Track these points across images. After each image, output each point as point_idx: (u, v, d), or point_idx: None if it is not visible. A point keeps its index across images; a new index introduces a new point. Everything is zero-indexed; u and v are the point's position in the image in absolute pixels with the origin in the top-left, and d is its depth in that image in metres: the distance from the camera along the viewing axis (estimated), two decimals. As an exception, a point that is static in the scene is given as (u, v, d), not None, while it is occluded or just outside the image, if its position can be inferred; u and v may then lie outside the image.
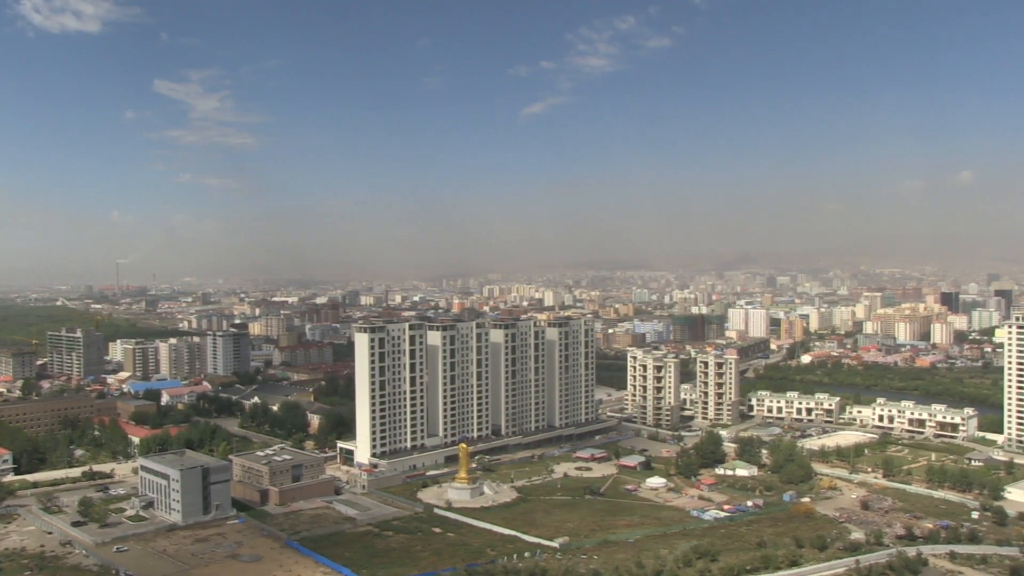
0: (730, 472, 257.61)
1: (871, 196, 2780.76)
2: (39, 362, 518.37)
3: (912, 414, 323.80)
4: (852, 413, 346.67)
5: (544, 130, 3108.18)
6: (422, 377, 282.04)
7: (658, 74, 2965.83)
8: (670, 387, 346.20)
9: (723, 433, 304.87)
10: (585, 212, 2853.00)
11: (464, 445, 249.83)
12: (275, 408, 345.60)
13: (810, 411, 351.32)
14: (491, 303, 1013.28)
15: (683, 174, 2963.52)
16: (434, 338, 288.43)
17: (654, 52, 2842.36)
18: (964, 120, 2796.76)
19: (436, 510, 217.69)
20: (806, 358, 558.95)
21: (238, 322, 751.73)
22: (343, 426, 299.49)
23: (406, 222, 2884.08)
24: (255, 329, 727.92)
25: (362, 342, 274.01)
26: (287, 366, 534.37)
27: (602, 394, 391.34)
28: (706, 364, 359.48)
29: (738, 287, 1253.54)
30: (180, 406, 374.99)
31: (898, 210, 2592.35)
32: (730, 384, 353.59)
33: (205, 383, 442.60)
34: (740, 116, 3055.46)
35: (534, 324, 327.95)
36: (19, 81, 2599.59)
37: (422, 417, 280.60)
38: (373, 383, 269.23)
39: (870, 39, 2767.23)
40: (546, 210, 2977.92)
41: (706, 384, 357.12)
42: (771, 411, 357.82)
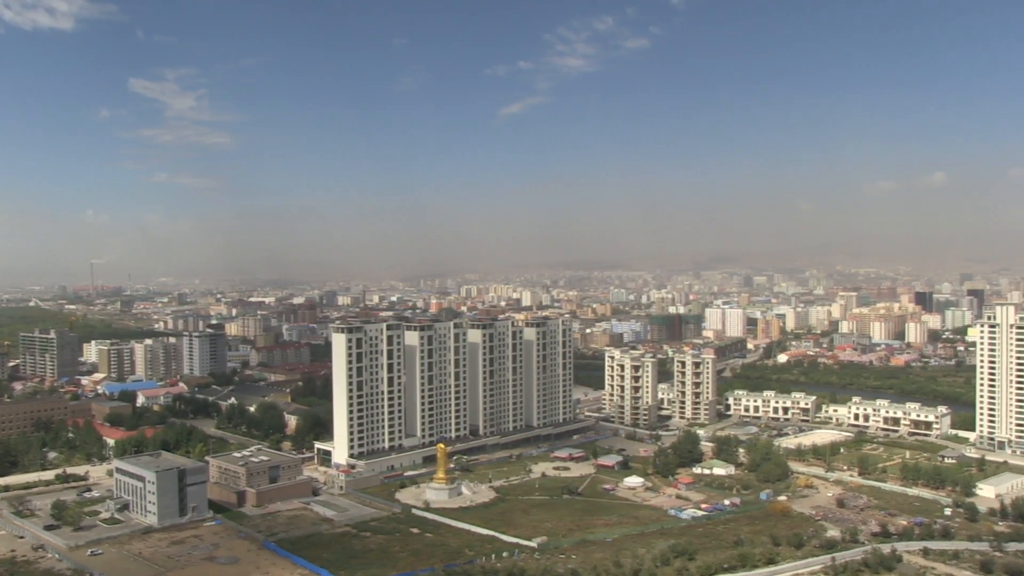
0: (707, 471, 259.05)
1: (845, 197, 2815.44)
2: (11, 364, 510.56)
3: (887, 412, 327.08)
4: (828, 412, 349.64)
5: (522, 130, 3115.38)
6: (400, 377, 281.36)
7: (636, 74, 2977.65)
8: (647, 387, 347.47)
9: (700, 432, 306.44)
10: (563, 212, 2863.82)
11: (442, 445, 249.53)
12: (252, 409, 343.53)
13: (787, 410, 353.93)
14: (469, 303, 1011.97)
15: (660, 174, 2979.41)
16: (412, 338, 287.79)
17: (632, 52, 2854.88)
18: (937, 122, 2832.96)
19: (414, 511, 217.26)
20: (783, 357, 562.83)
21: (214, 322, 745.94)
22: (320, 427, 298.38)
23: (384, 222, 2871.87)
24: (232, 330, 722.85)
25: (339, 342, 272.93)
26: (264, 367, 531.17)
27: (580, 394, 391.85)
28: (683, 364, 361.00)
29: (715, 287, 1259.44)
30: (156, 407, 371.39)
31: (872, 211, 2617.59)
32: (707, 383, 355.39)
33: (181, 384, 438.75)
34: (716, 117, 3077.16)
35: (512, 324, 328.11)
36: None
37: (400, 417, 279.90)
38: (351, 383, 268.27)
39: (844, 42, 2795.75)
40: (524, 210, 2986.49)
41: (683, 384, 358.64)
42: (748, 410, 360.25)
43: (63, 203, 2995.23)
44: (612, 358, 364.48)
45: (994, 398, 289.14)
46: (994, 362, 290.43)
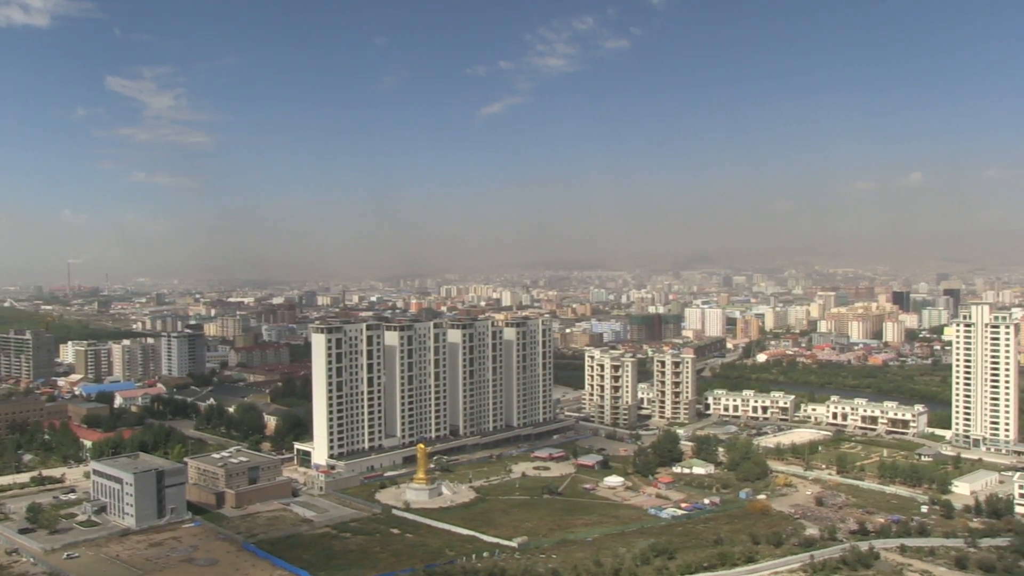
0: (687, 470, 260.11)
1: (824, 197, 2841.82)
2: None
3: (865, 411, 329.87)
4: (807, 411, 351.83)
5: (502, 130, 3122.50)
6: (380, 378, 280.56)
7: (616, 75, 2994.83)
8: (627, 386, 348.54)
9: (680, 432, 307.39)
10: (542, 212, 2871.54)
11: (422, 446, 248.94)
12: (231, 410, 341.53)
13: (766, 409, 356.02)
14: (449, 303, 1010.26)
15: (640, 174, 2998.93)
16: (392, 338, 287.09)
17: (612, 53, 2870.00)
18: (914, 124, 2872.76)
19: (394, 511, 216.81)
20: (762, 357, 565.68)
21: (193, 323, 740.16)
22: (300, 427, 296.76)
23: (363, 222, 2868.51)
24: (210, 330, 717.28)
25: (319, 343, 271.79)
26: (243, 367, 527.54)
27: (560, 394, 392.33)
28: (663, 363, 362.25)
29: (695, 287, 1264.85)
30: (134, 408, 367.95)
31: (850, 211, 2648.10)
32: (687, 383, 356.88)
33: (159, 385, 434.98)
34: (695, 117, 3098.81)
35: (492, 324, 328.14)
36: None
37: (380, 418, 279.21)
38: (330, 384, 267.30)
39: (823, 44, 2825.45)
40: (504, 210, 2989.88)
41: (663, 383, 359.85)
42: (727, 409, 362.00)
43: (39, 202, 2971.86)
44: (592, 358, 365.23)
45: (969, 396, 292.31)
46: (969, 361, 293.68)
